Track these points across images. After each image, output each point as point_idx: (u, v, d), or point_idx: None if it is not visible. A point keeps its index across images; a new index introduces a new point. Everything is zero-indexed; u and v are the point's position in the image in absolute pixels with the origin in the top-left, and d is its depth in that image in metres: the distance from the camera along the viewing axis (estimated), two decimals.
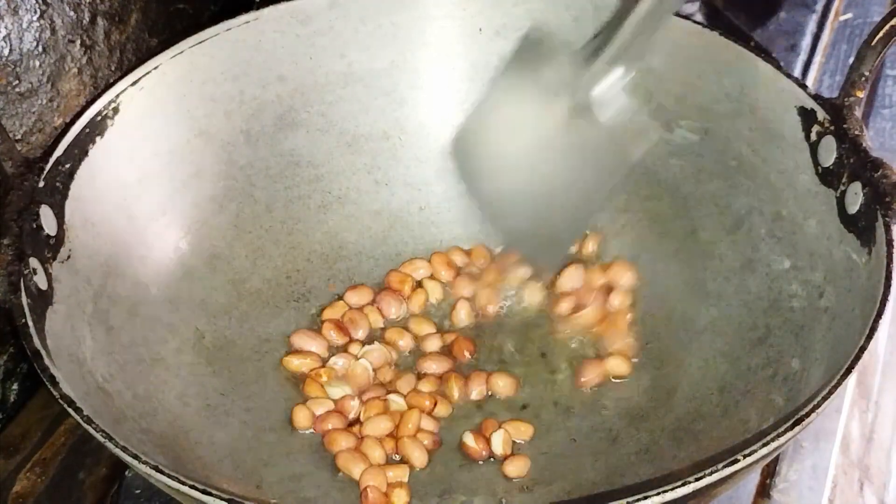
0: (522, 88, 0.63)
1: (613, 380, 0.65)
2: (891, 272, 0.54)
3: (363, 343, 0.66)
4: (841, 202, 0.60)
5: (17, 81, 0.64)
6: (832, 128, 0.61)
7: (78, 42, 0.68)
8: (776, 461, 0.65)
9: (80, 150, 0.61)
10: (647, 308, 0.68)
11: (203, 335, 0.65)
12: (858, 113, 0.60)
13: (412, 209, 0.73)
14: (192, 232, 0.67)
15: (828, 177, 0.61)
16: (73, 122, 0.61)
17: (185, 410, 0.62)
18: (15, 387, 0.68)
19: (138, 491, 0.62)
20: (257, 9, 0.69)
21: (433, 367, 0.65)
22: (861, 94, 0.60)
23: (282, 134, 0.70)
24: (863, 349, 0.52)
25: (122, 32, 0.72)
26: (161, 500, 0.61)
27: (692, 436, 0.61)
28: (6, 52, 0.63)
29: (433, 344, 0.67)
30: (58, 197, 0.59)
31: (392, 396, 0.63)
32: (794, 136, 0.63)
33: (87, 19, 0.69)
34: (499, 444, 0.61)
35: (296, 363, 0.65)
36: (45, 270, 0.56)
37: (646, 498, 0.46)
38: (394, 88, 0.72)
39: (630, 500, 0.45)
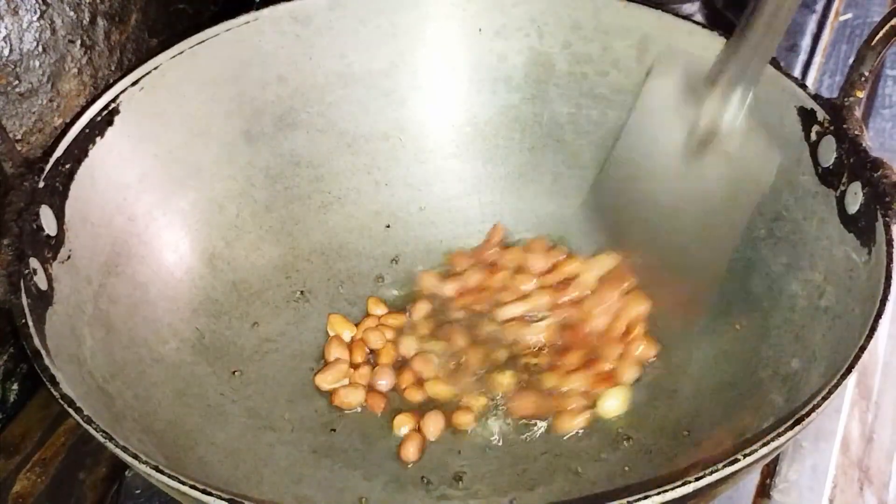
0: (654, 126, 0.63)
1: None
2: (891, 272, 0.54)
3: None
4: (841, 202, 0.60)
5: (17, 81, 0.64)
6: (832, 128, 0.61)
7: (78, 42, 0.68)
8: (776, 461, 0.65)
9: (80, 150, 0.61)
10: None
11: (203, 335, 0.65)
12: (858, 113, 0.60)
13: (412, 209, 0.73)
14: (192, 232, 0.67)
15: (828, 177, 0.61)
16: (73, 122, 0.61)
17: (185, 410, 0.62)
18: (15, 387, 0.68)
19: (138, 491, 0.62)
20: (257, 9, 0.69)
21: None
22: (861, 94, 0.60)
23: (282, 134, 0.70)
24: (863, 349, 0.52)
25: (122, 32, 0.72)
26: (161, 500, 0.61)
27: (692, 436, 0.61)
28: (6, 52, 0.63)
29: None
30: (58, 197, 0.59)
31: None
32: (794, 136, 0.63)
33: (87, 19, 0.69)
34: None
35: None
36: (45, 270, 0.56)
37: (646, 498, 0.45)
38: (394, 89, 0.72)
39: (630, 499, 0.45)
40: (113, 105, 0.63)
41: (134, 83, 0.64)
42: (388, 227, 0.72)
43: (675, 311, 0.64)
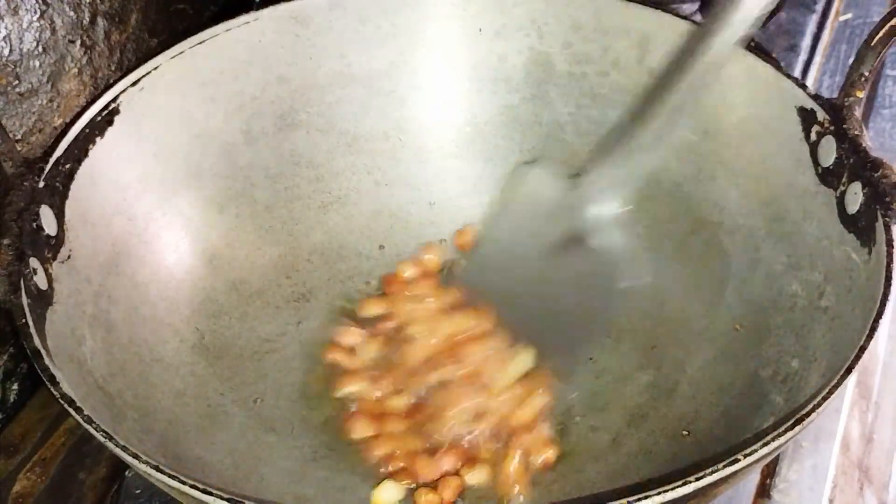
0: (520, 217, 0.64)
1: None
2: (891, 272, 0.54)
3: None
4: (841, 202, 0.60)
5: (17, 81, 0.64)
6: (832, 128, 0.61)
7: (78, 42, 0.68)
8: (776, 461, 0.65)
9: (80, 150, 0.61)
10: (648, 308, 0.68)
11: (203, 335, 0.65)
12: (858, 113, 0.60)
13: (412, 209, 0.73)
14: (192, 232, 0.67)
15: (828, 177, 0.61)
16: (73, 122, 0.61)
17: (185, 410, 0.62)
18: (15, 387, 0.68)
19: (138, 491, 0.62)
20: (257, 9, 0.69)
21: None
22: (861, 94, 0.60)
23: (282, 134, 0.70)
24: (863, 349, 0.52)
25: (122, 32, 0.72)
26: (161, 500, 0.61)
27: (692, 436, 0.61)
28: (6, 52, 0.63)
29: None
30: (58, 197, 0.59)
31: None
32: (794, 136, 0.63)
33: (87, 19, 0.69)
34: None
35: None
36: (45, 270, 0.56)
37: (646, 498, 0.46)
38: (394, 89, 0.72)
39: (630, 499, 0.45)
40: (113, 105, 0.63)
41: (134, 83, 0.64)
42: (389, 227, 0.72)
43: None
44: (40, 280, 0.55)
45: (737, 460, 0.47)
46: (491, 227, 0.69)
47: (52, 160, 0.59)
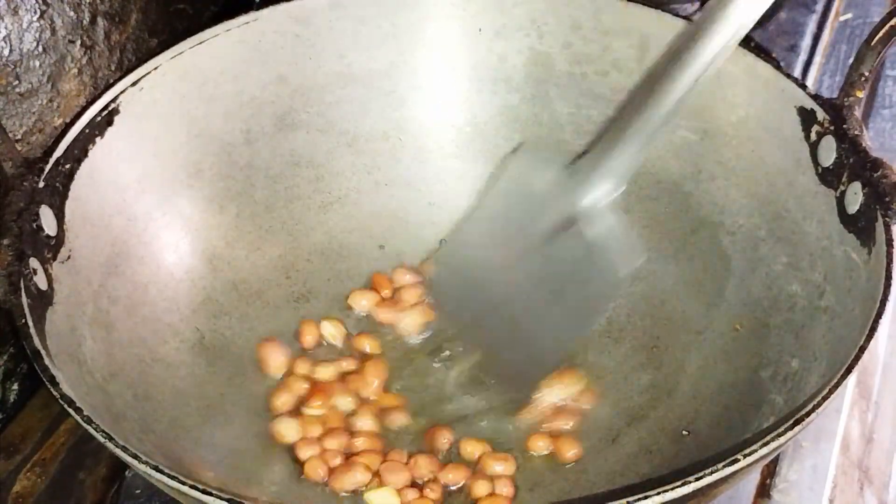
0: (511, 201, 0.63)
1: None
2: (891, 272, 0.54)
3: None
4: (841, 202, 0.60)
5: (17, 81, 0.64)
6: (832, 128, 0.61)
7: (78, 42, 0.68)
8: (776, 461, 0.65)
9: (80, 150, 0.61)
10: (647, 308, 0.68)
11: (203, 335, 0.65)
12: (858, 113, 0.60)
13: (412, 209, 0.72)
14: (192, 232, 0.67)
15: (828, 177, 0.61)
16: (73, 122, 0.61)
17: (185, 410, 0.62)
18: (15, 387, 0.68)
19: (138, 491, 0.62)
20: (257, 9, 0.69)
21: None
22: (861, 94, 0.60)
23: (282, 134, 0.70)
24: (863, 349, 0.52)
25: (122, 32, 0.72)
26: (161, 500, 0.61)
27: (692, 436, 0.61)
28: (6, 52, 0.63)
29: None
30: (58, 197, 0.59)
31: None
32: (794, 136, 0.63)
33: (87, 19, 0.69)
34: None
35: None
36: (45, 271, 0.56)
37: (646, 498, 0.46)
38: (394, 89, 0.72)
39: (630, 499, 0.45)
40: (113, 105, 0.63)
41: (134, 83, 0.64)
42: (389, 227, 0.72)
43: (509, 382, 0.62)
44: (40, 280, 0.55)
45: (737, 460, 0.47)
46: (477, 213, 0.67)
47: (52, 160, 0.59)
